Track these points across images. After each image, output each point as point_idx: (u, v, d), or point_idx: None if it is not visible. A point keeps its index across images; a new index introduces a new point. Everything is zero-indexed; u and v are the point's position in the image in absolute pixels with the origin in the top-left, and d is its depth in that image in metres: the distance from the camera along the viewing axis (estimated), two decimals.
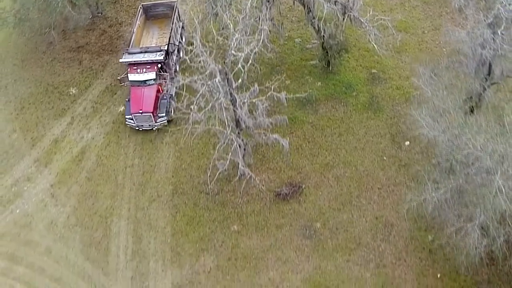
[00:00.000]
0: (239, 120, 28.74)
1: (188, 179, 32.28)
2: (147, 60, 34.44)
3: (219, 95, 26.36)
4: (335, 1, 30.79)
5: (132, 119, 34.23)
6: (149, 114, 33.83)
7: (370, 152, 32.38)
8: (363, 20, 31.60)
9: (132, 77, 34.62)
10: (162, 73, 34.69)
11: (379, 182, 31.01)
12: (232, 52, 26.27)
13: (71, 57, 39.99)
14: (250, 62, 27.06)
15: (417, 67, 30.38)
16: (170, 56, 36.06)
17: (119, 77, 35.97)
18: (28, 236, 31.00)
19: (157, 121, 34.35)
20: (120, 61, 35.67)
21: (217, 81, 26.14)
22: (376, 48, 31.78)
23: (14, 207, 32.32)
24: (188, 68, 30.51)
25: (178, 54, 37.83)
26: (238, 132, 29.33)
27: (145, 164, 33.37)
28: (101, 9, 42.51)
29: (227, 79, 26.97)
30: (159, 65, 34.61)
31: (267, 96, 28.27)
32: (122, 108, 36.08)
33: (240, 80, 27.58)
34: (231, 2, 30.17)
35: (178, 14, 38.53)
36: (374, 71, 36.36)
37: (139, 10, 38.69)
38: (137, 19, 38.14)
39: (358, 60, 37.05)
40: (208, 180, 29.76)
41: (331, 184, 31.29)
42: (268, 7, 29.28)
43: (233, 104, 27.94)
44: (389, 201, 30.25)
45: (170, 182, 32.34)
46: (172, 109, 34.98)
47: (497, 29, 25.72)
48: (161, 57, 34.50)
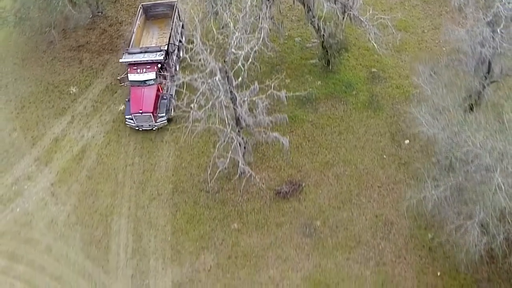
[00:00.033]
0: (239, 118, 28.76)
1: (188, 178, 32.32)
2: (147, 60, 34.39)
3: (219, 93, 26.34)
4: (335, 0, 30.85)
5: (132, 119, 34.22)
6: (149, 114, 33.81)
7: (370, 150, 32.41)
8: (363, 19, 31.62)
9: (132, 77, 34.59)
10: (162, 73, 34.70)
11: (379, 181, 31.04)
12: (232, 50, 26.27)
13: (72, 56, 40.03)
14: (250, 60, 27.03)
15: (417, 66, 30.40)
16: (170, 56, 36.05)
17: (119, 77, 35.95)
18: (29, 234, 31.01)
19: (157, 121, 34.34)
20: (120, 61, 35.67)
21: (217, 79, 26.13)
22: (376, 47, 31.84)
23: (15, 206, 32.34)
24: (188, 67, 30.59)
25: (178, 53, 37.86)
26: (238, 130, 29.35)
27: (145, 162, 33.41)
28: (101, 8, 42.55)
29: (227, 77, 26.98)
30: (159, 65, 34.59)
31: (267, 94, 28.30)
32: (122, 107, 36.11)
33: (240, 79, 27.59)
34: (231, 1, 30.21)
35: (178, 14, 38.54)
36: (374, 70, 36.40)
37: (139, 10, 38.66)
38: (137, 19, 38.13)
39: (358, 59, 37.08)
40: (208, 178, 29.79)
41: (331, 182, 31.33)
42: (268, 5, 29.33)
43: (233, 102, 27.96)
44: (389, 199, 30.29)
45: (170, 180, 32.37)
46: (172, 107, 34.99)
47: (497, 27, 25.79)
48: (161, 57, 34.47)
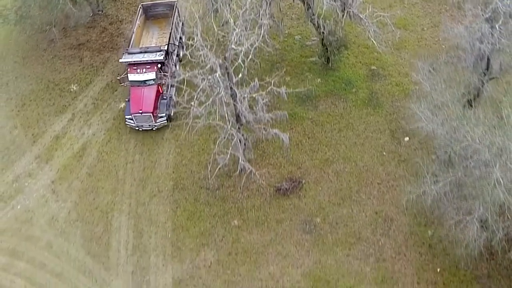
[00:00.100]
0: (239, 115, 28.82)
1: (188, 175, 32.38)
2: (147, 60, 34.34)
3: (219, 89, 26.39)
4: None
5: (132, 119, 34.18)
6: (149, 114, 33.81)
7: (369, 147, 32.48)
8: (362, 17, 31.70)
9: (132, 77, 34.54)
10: (162, 73, 34.71)
11: (378, 177, 31.11)
12: (233, 46, 26.33)
13: (72, 54, 40.07)
14: (250, 57, 27.08)
15: (416, 63, 30.50)
16: (170, 56, 36.06)
17: (119, 77, 35.97)
18: (29, 231, 31.08)
19: (157, 121, 34.34)
20: (120, 61, 35.67)
21: (217, 75, 26.20)
22: (375, 45, 31.90)
23: (15, 203, 32.40)
24: (188, 63, 30.66)
25: (179, 53, 37.89)
26: (239, 127, 29.41)
27: (145, 159, 33.47)
28: (101, 7, 42.61)
29: (228, 74, 27.04)
30: (159, 65, 34.57)
31: (267, 91, 28.40)
32: (122, 105, 36.14)
33: (240, 75, 27.66)
34: None
35: (178, 13, 38.55)
36: (373, 67, 36.48)
37: (139, 10, 38.61)
38: (137, 19, 38.10)
39: (358, 57, 37.16)
40: (209, 175, 29.91)
41: (331, 179, 31.40)
42: (268, 2, 29.40)
43: (233, 98, 28.01)
44: (388, 196, 30.36)
45: (170, 177, 32.44)
46: (172, 108, 35.05)
47: (495, 23, 25.92)
48: (161, 57, 34.44)
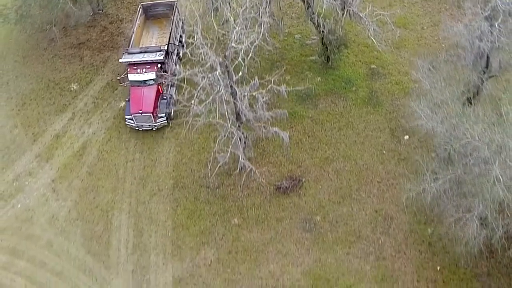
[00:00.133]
0: (239, 113, 28.84)
1: (188, 173, 32.42)
2: (147, 60, 34.36)
3: (219, 88, 26.40)
4: None
5: (132, 119, 34.19)
6: (149, 114, 33.83)
7: (369, 146, 32.51)
8: (362, 16, 31.70)
9: (132, 77, 34.54)
10: (162, 73, 34.71)
11: (378, 176, 31.14)
12: (233, 44, 26.34)
13: (72, 53, 40.13)
14: (250, 55, 27.10)
15: (416, 61, 30.50)
16: (170, 56, 36.07)
17: (119, 77, 35.99)
18: (30, 230, 31.12)
19: (157, 121, 34.35)
20: (120, 61, 35.69)
21: (217, 74, 26.21)
22: (375, 44, 31.92)
23: (16, 202, 32.44)
24: (188, 61, 30.70)
25: (180, 49, 37.88)
26: (239, 125, 29.43)
27: (145, 158, 33.51)
28: (102, 6, 42.69)
29: (228, 72, 27.06)
30: (159, 65, 34.57)
31: (267, 89, 28.41)
32: (123, 104, 36.19)
33: (240, 74, 27.66)
34: None
35: (178, 13, 38.57)
36: (373, 66, 36.51)
37: (139, 10, 38.63)
38: (136, 19, 38.12)
39: (358, 56, 37.21)
40: (209, 173, 29.93)
41: (331, 177, 31.42)
42: (268, 0, 29.39)
43: (233, 97, 28.02)
44: (388, 194, 30.38)
45: (170, 176, 32.47)
46: (172, 105, 35.07)
47: (494, 21, 25.91)
48: (161, 57, 34.45)
